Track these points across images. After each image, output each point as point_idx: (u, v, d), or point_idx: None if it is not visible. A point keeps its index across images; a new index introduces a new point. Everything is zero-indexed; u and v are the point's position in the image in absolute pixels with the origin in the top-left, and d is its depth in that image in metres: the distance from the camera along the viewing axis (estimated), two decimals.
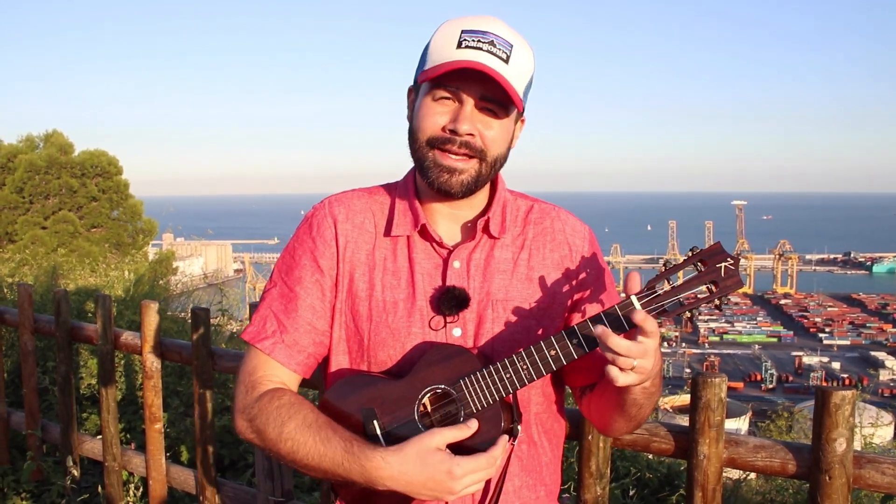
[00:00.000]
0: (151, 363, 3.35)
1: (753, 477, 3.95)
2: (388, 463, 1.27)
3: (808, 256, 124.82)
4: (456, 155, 1.38)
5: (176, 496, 3.68)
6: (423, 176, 1.42)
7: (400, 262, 1.48)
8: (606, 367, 1.27)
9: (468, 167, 1.39)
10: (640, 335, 1.25)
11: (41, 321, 4.05)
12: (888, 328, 73.19)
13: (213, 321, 6.29)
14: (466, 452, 1.31)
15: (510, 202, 1.53)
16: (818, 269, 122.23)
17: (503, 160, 1.45)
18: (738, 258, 1.27)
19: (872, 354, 62.92)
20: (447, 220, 1.50)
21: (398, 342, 1.43)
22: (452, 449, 1.31)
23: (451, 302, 1.41)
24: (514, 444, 1.38)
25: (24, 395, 4.10)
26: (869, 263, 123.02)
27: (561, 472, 1.60)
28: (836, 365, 58.32)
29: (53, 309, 3.81)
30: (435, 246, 1.48)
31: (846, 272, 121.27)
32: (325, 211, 1.51)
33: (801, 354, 62.49)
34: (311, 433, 1.34)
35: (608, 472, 2.04)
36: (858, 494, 3.40)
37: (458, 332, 1.44)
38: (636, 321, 1.24)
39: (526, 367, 1.33)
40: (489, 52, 1.35)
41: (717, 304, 1.27)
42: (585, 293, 1.50)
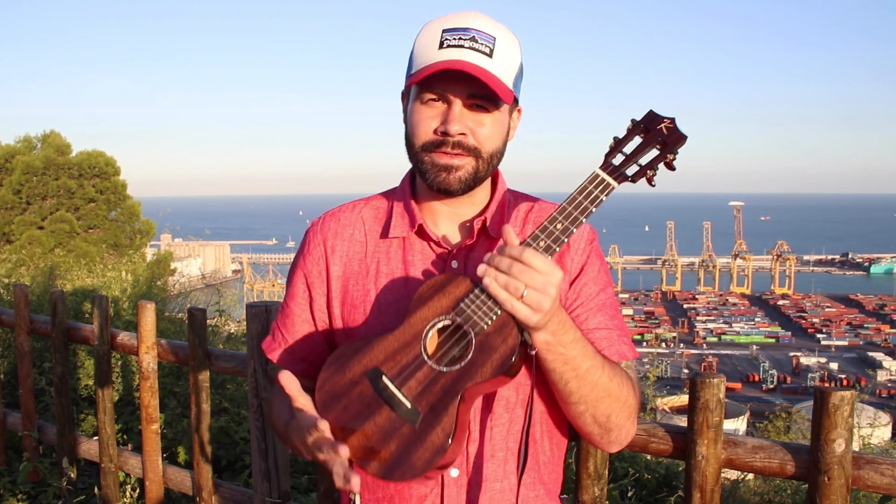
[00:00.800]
0: (148, 364, 3.35)
1: (751, 477, 3.95)
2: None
3: (805, 257, 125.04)
4: (450, 155, 1.38)
5: (173, 497, 3.67)
6: (422, 178, 1.43)
7: (393, 264, 1.48)
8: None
9: (465, 163, 1.39)
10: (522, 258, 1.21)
11: (38, 322, 4.04)
12: (886, 329, 73.32)
13: (210, 322, 6.29)
14: (490, 373, 1.26)
15: (510, 202, 1.53)
16: (816, 269, 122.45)
17: (500, 155, 1.45)
18: (673, 118, 1.31)
19: (870, 355, 63.01)
20: (447, 219, 1.50)
21: None
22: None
23: None
24: (533, 353, 1.31)
25: (20, 395, 4.09)
26: (867, 264, 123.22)
27: (563, 472, 1.59)
28: (833, 365, 58.36)
29: (50, 309, 3.80)
30: (433, 246, 1.48)
31: (844, 273, 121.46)
32: (316, 229, 1.57)
33: (798, 355, 62.58)
34: (286, 419, 1.45)
35: (606, 473, 2.04)
36: (857, 495, 3.40)
37: None
38: (503, 234, 1.26)
39: None
40: (471, 48, 1.34)
41: (670, 160, 1.31)
42: (584, 291, 1.48)
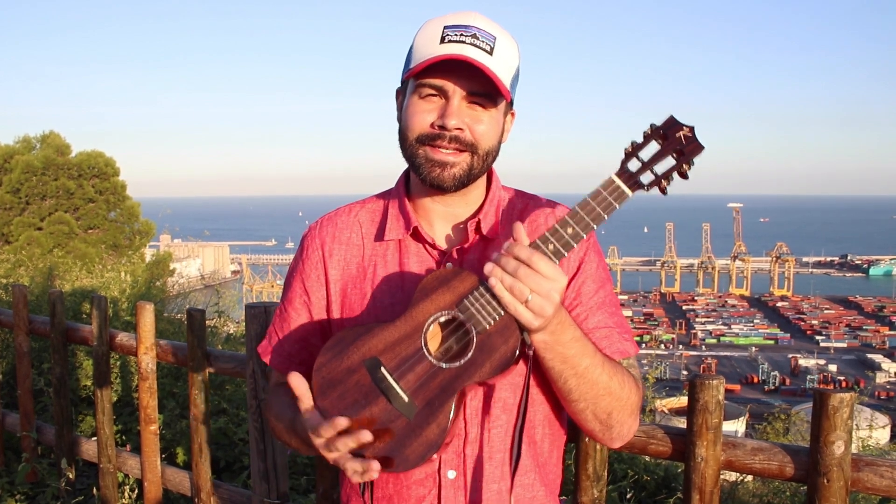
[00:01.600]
0: (147, 365, 3.34)
1: (750, 479, 3.95)
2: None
3: (804, 259, 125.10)
4: (446, 149, 1.38)
5: (171, 498, 3.66)
6: (415, 172, 1.43)
7: (390, 267, 1.48)
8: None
9: (459, 160, 1.39)
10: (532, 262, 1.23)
11: (36, 322, 4.03)
12: (885, 331, 73.34)
13: (209, 322, 6.29)
14: (487, 373, 1.28)
15: (504, 200, 1.53)
16: (815, 271, 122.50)
17: (495, 153, 1.45)
18: (693, 126, 1.28)
19: (869, 357, 63.04)
20: (441, 219, 1.50)
21: None
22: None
23: None
24: (529, 352, 1.32)
25: (18, 396, 4.09)
26: (866, 266, 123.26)
27: (562, 472, 1.60)
28: (832, 367, 58.39)
29: (49, 310, 3.80)
30: (428, 248, 1.48)
31: (843, 275, 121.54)
32: (314, 234, 1.57)
33: (797, 356, 62.60)
34: (286, 421, 1.49)
35: (605, 474, 2.04)
36: (856, 497, 3.40)
37: None
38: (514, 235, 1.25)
39: None
40: (472, 44, 1.35)
41: (684, 170, 1.28)
42: (583, 290, 1.48)
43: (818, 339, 72.13)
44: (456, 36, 1.35)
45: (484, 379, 1.28)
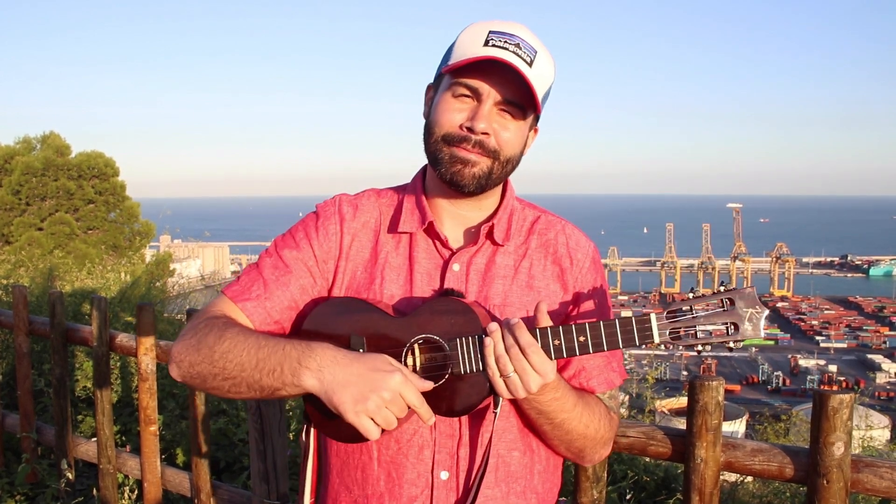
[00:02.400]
0: (147, 365, 3.34)
1: (750, 480, 3.95)
2: (336, 349, 1.27)
3: (804, 259, 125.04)
4: (470, 152, 1.39)
5: (171, 499, 3.66)
6: (435, 168, 1.43)
7: (401, 258, 1.48)
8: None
9: (481, 161, 1.40)
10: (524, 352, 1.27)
11: (36, 323, 4.03)
12: (885, 331, 73.31)
13: None
14: (443, 412, 1.33)
15: (517, 211, 1.54)
16: (815, 271, 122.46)
17: (516, 163, 1.46)
18: (766, 310, 1.25)
19: (869, 357, 63.00)
20: (453, 220, 1.51)
21: None
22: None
23: None
24: (496, 413, 1.36)
25: (18, 397, 4.09)
26: (866, 266, 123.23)
27: (560, 480, 1.59)
28: (832, 368, 58.35)
29: (49, 310, 3.80)
30: (438, 245, 1.48)
31: (843, 275, 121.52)
32: (334, 207, 1.52)
33: (797, 356, 62.56)
34: (254, 333, 1.35)
35: (605, 475, 2.04)
36: (856, 498, 3.40)
37: None
38: (517, 336, 1.27)
39: None
40: (515, 52, 1.36)
41: (730, 347, 1.25)
42: (581, 308, 1.50)
43: (818, 339, 72.11)
44: (500, 41, 1.36)
45: (438, 413, 1.33)
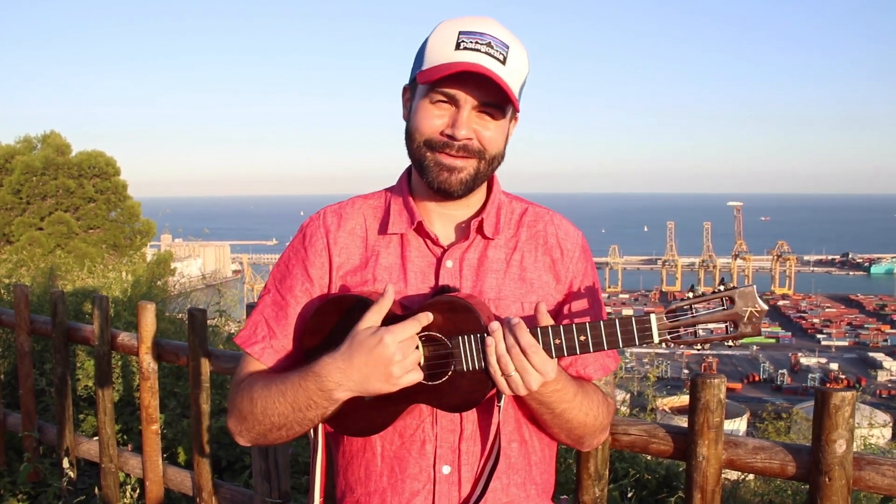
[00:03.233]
0: (148, 364, 3.34)
1: (752, 478, 3.95)
2: (333, 358, 1.32)
3: (805, 257, 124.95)
4: (454, 156, 1.39)
5: (173, 497, 3.66)
6: (422, 175, 1.43)
7: (392, 258, 1.49)
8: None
9: (467, 165, 1.41)
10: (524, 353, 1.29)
11: (38, 322, 4.03)
12: (886, 329, 73.27)
13: (210, 322, 6.29)
14: (446, 408, 1.36)
15: (505, 204, 1.55)
16: (816, 270, 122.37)
17: (501, 158, 1.47)
18: (766, 309, 1.25)
19: (870, 355, 62.98)
20: (441, 219, 1.51)
21: None
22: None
23: None
24: (499, 407, 1.40)
25: (20, 396, 4.09)
26: (867, 264, 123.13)
27: (555, 471, 1.61)
28: (834, 366, 58.32)
29: (50, 310, 3.80)
30: (429, 244, 1.49)
31: (844, 273, 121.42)
32: (318, 222, 1.54)
33: (798, 354, 62.55)
34: (272, 382, 1.41)
35: (606, 473, 2.04)
36: (857, 496, 3.40)
37: None
38: (519, 338, 1.29)
39: None
40: (487, 53, 1.36)
41: (730, 344, 1.25)
42: (574, 296, 1.52)
43: (819, 337, 72.08)
44: (471, 43, 1.36)
45: (440, 408, 1.37)
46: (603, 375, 1.55)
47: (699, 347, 1.25)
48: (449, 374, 1.33)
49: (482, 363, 1.32)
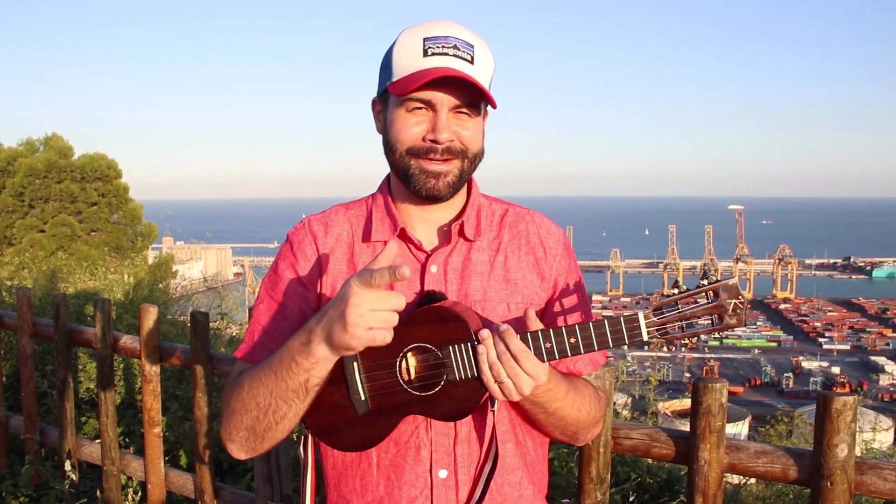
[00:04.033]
0: (150, 367, 3.35)
1: (753, 482, 3.94)
2: (317, 316, 1.29)
3: (807, 261, 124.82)
4: (438, 161, 1.41)
5: (174, 500, 3.67)
6: (407, 184, 1.44)
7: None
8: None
9: (452, 167, 1.42)
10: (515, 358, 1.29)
11: (40, 325, 4.04)
12: (888, 333, 73.14)
13: (212, 325, 6.30)
14: (441, 418, 1.35)
15: (485, 206, 1.56)
16: (818, 273, 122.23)
17: (481, 155, 1.48)
18: (748, 301, 1.28)
19: (872, 359, 62.84)
20: (423, 223, 1.52)
21: None
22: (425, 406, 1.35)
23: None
24: (493, 411, 1.40)
25: (22, 398, 4.10)
26: (869, 268, 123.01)
27: (548, 471, 1.63)
28: (835, 369, 58.22)
29: (52, 312, 3.81)
30: (413, 249, 1.50)
31: (846, 277, 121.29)
32: (305, 230, 1.54)
33: (799, 358, 62.45)
34: (260, 367, 1.38)
35: (608, 477, 2.04)
36: (859, 500, 3.40)
37: None
38: (509, 343, 1.29)
39: None
40: (455, 55, 1.37)
41: (716, 336, 1.27)
42: (559, 294, 1.54)
43: (821, 341, 71.98)
44: (438, 48, 1.37)
45: (435, 418, 1.37)
46: (593, 370, 1.58)
47: (686, 342, 1.26)
48: (441, 383, 1.34)
49: (474, 371, 1.33)
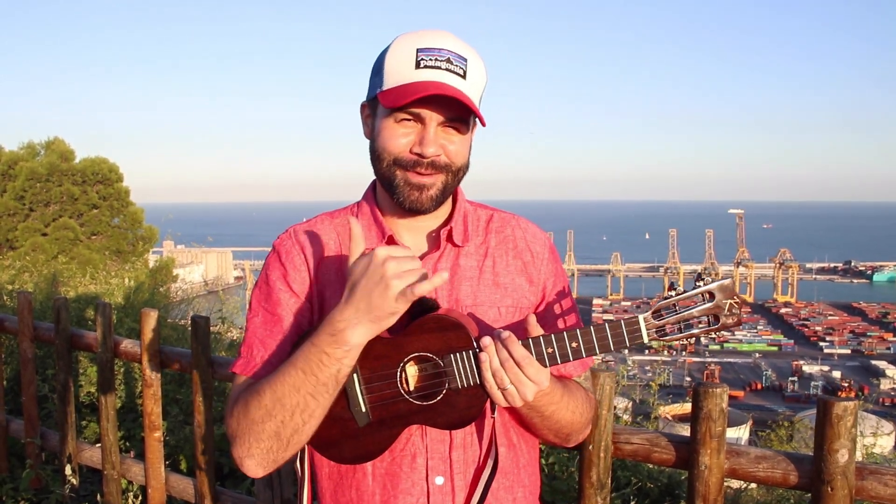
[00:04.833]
0: (151, 371, 3.35)
1: (754, 487, 3.94)
2: (339, 302, 1.30)
3: (808, 265, 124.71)
4: (423, 174, 1.41)
5: None
6: (391, 194, 1.45)
7: None
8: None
9: (436, 181, 1.43)
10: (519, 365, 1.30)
11: (41, 328, 4.04)
12: (889, 337, 73.07)
13: (213, 329, 6.30)
14: (443, 426, 1.36)
15: (471, 212, 1.57)
16: (818, 277, 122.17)
17: (466, 169, 1.49)
18: (743, 301, 1.29)
19: (873, 363, 62.76)
20: (410, 231, 1.53)
21: None
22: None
23: (422, 314, 1.39)
24: (494, 417, 1.42)
25: (23, 402, 4.09)
26: (869, 272, 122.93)
27: (540, 473, 1.64)
28: (836, 374, 58.15)
29: (53, 316, 3.81)
30: None
31: (847, 281, 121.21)
32: (291, 239, 1.53)
33: (800, 362, 62.37)
34: (280, 372, 1.35)
35: (609, 482, 2.04)
36: None
37: None
38: (513, 353, 1.30)
39: None
40: (448, 69, 1.37)
41: (713, 336, 1.29)
42: (548, 298, 1.55)
43: (822, 345, 71.91)
44: (431, 61, 1.37)
45: (437, 427, 1.37)
46: (583, 372, 1.60)
47: (688, 344, 1.28)
48: (443, 392, 1.34)
49: (476, 379, 1.33)
